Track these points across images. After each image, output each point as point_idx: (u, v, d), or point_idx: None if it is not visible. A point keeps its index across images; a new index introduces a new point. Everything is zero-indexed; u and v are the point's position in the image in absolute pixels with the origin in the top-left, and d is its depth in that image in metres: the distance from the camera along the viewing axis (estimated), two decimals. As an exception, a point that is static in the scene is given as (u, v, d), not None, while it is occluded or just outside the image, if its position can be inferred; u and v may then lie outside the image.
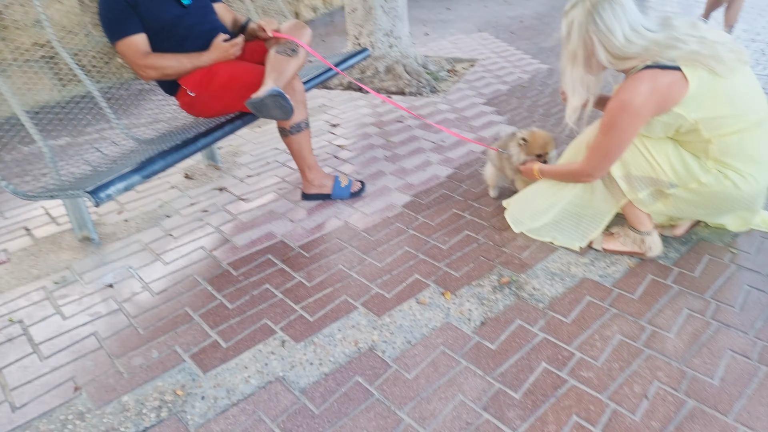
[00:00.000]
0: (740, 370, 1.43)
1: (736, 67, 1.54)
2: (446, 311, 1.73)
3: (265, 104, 2.01)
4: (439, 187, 2.54)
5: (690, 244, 1.98)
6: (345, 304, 1.79)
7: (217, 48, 2.23)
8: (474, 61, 4.80)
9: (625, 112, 1.57)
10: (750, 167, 1.60)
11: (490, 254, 2.00)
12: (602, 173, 1.77)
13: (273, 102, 2.00)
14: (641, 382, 1.41)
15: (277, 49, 2.19)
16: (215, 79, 2.22)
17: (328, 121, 3.54)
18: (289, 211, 2.41)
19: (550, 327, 1.63)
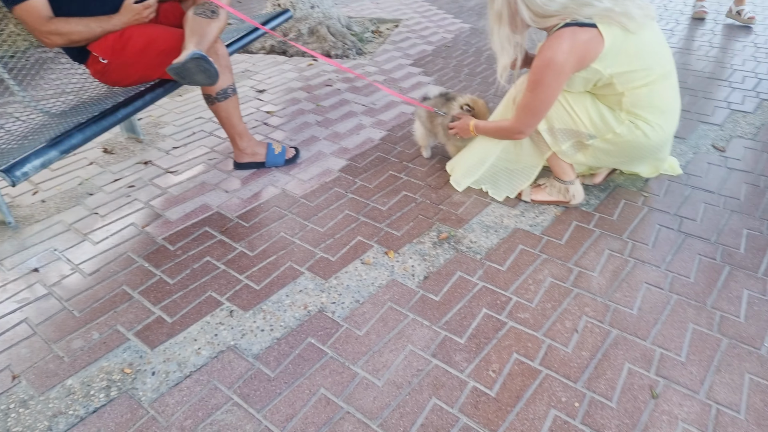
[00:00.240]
0: (655, 300, 1.60)
1: (645, 23, 1.65)
2: (391, 269, 1.79)
3: (188, 69, 1.91)
4: (374, 149, 2.56)
5: (608, 191, 2.15)
6: (291, 270, 1.81)
7: (129, 10, 2.08)
8: (398, 21, 4.79)
9: (549, 69, 1.65)
10: (658, 117, 1.75)
11: (428, 212, 2.07)
12: (532, 129, 1.86)
13: (196, 66, 1.91)
14: (571, 318, 1.55)
15: (195, 10, 2.08)
16: (129, 44, 2.08)
17: (253, 87, 3.43)
18: (222, 182, 2.35)
19: (488, 276, 1.73)
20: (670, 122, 1.79)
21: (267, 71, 3.71)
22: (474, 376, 1.39)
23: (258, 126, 2.87)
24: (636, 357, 1.41)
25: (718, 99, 2.91)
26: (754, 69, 3.30)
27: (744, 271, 1.69)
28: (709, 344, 1.44)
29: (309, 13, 4.16)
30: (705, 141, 2.48)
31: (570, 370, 1.39)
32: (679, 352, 1.42)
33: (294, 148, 2.51)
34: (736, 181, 2.16)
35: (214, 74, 1.93)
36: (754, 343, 1.43)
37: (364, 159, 2.48)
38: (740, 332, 1.47)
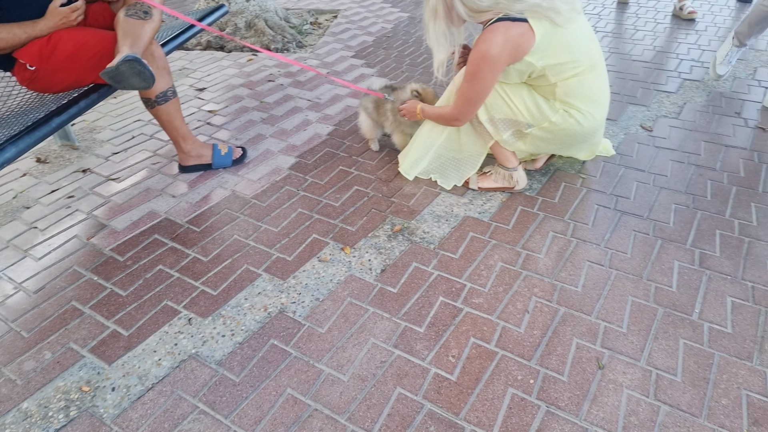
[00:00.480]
0: (597, 276, 1.71)
1: (572, 17, 1.74)
2: (348, 265, 1.82)
3: (122, 72, 1.84)
4: (322, 145, 2.57)
5: (549, 175, 2.26)
6: (247, 273, 1.80)
7: (55, 14, 1.98)
8: (336, 12, 4.76)
9: (484, 62, 1.72)
10: (588, 106, 1.86)
11: (381, 206, 2.11)
12: (469, 118, 1.94)
13: (130, 69, 1.84)
14: (522, 300, 1.64)
15: (126, 11, 2.00)
16: (58, 49, 1.98)
17: (192, 85, 3.34)
18: (168, 187, 2.30)
19: (442, 264, 1.80)
20: (601, 110, 1.90)
21: (205, 68, 3.61)
22: (435, 363, 1.45)
23: (201, 126, 2.81)
24: (583, 332, 1.51)
25: (644, 80, 3.10)
26: (675, 50, 3.52)
27: (674, 243, 1.83)
28: (646, 314, 1.56)
29: (245, 7, 4.07)
30: (634, 122, 2.64)
31: (524, 349, 1.47)
32: (620, 324, 1.53)
33: (241, 147, 2.48)
34: (663, 159, 2.32)
35: (149, 77, 1.88)
36: (686, 310, 1.56)
37: (313, 155, 2.48)
38: (673, 301, 1.60)
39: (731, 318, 1.53)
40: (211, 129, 2.77)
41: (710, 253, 1.78)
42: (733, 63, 2.98)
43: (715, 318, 1.53)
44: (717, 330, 1.49)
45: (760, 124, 2.56)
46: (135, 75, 1.86)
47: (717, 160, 2.29)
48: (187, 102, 3.09)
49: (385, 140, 2.55)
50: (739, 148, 2.37)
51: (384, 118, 2.33)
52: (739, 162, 2.26)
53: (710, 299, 1.60)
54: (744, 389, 1.32)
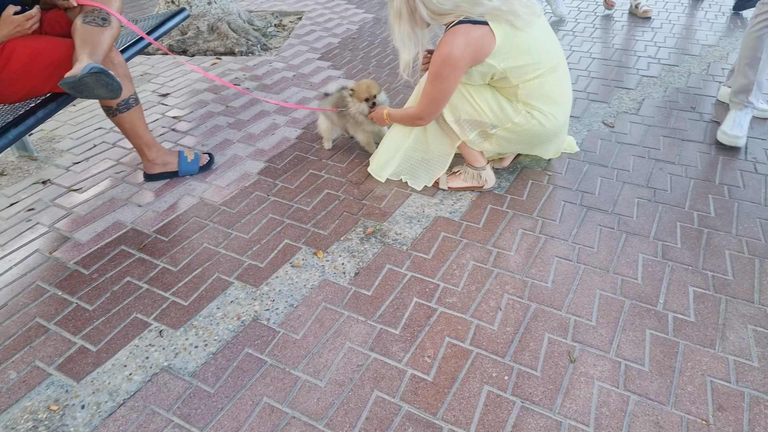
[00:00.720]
0: (565, 271, 1.75)
1: (532, 20, 1.77)
2: (321, 269, 1.81)
3: (86, 84, 1.79)
4: (291, 149, 2.55)
5: (516, 173, 2.30)
6: (219, 281, 1.78)
7: (8, 22, 1.91)
8: (301, 13, 4.73)
9: (446, 63, 1.74)
10: (550, 107, 1.90)
11: (352, 209, 2.11)
12: (432, 117, 1.97)
13: (95, 81, 1.79)
14: (494, 297, 1.66)
15: (84, 18, 1.94)
16: (13, 58, 1.92)
17: (155, 91, 3.27)
18: (133, 196, 2.24)
19: (416, 265, 1.81)
20: (562, 111, 1.94)
21: (168, 73, 3.54)
22: (411, 364, 1.46)
23: (166, 133, 2.75)
24: (554, 326, 1.55)
25: (604, 78, 3.18)
26: (633, 47, 3.63)
27: (638, 236, 1.89)
28: (614, 307, 1.60)
29: (206, 10, 4.01)
30: (596, 119, 2.71)
31: (497, 346, 1.50)
32: (590, 318, 1.57)
33: (207, 153, 2.44)
34: (625, 155, 2.39)
35: (117, 88, 1.83)
36: (651, 301, 1.62)
37: (282, 159, 2.46)
38: (639, 293, 1.65)
39: (694, 307, 1.59)
40: (176, 135, 2.72)
41: (672, 245, 1.84)
42: (746, 127, 2.37)
43: (678, 308, 1.59)
44: (681, 319, 1.55)
45: (715, 117, 2.66)
46: (101, 86, 1.81)
47: (676, 154, 2.37)
48: (151, 108, 3.03)
49: (346, 141, 2.55)
50: (696, 141, 2.46)
51: (344, 121, 2.34)
52: (697, 155, 2.35)
53: (673, 290, 1.66)
54: (708, 376, 1.38)
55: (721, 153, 2.35)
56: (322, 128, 2.48)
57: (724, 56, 3.42)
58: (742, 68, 2.28)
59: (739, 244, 1.83)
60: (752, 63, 2.24)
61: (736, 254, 1.78)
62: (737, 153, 2.35)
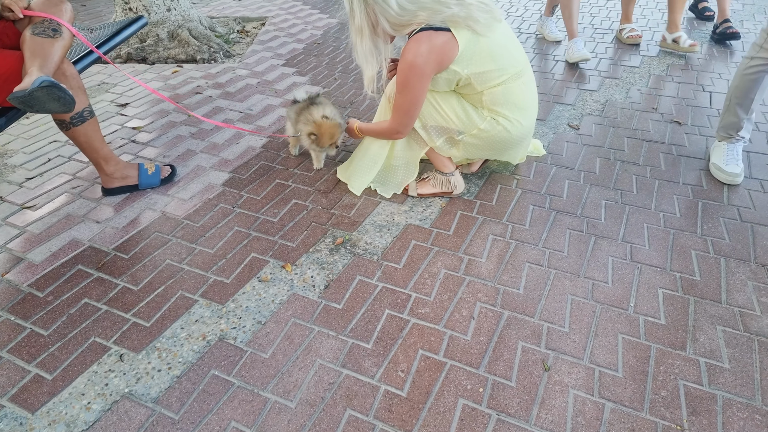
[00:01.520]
0: (537, 277, 1.74)
1: (492, 24, 1.76)
2: (290, 283, 1.76)
3: (36, 98, 1.70)
4: (256, 158, 2.48)
5: (485, 178, 2.29)
6: (183, 299, 1.71)
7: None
8: (264, 19, 4.65)
9: (412, 71, 1.72)
10: (515, 113, 1.90)
11: (321, 218, 2.07)
12: (409, 128, 1.93)
13: (47, 95, 1.70)
14: (467, 306, 1.64)
15: (33, 29, 1.85)
16: (-43, 70, 1.81)
17: (114, 101, 3.15)
18: (91, 212, 2.14)
19: (386, 276, 1.78)
20: (528, 117, 1.94)
21: (127, 82, 3.42)
22: (384, 380, 1.42)
23: (125, 145, 2.65)
24: (527, 334, 1.53)
25: (568, 80, 3.22)
26: (594, 49, 3.68)
27: (607, 239, 1.90)
28: (586, 312, 1.60)
29: (166, 17, 3.90)
30: (561, 121, 2.74)
31: (471, 357, 1.47)
32: (562, 324, 1.56)
33: (169, 165, 2.36)
34: (590, 156, 2.41)
35: (70, 101, 1.75)
36: (622, 304, 1.62)
37: (248, 170, 2.40)
38: (609, 296, 1.65)
39: (664, 309, 1.60)
40: (136, 147, 2.62)
41: (640, 246, 1.86)
42: (740, 160, 2.23)
43: (648, 310, 1.60)
44: (651, 322, 1.56)
45: (675, 118, 2.71)
46: (53, 100, 1.73)
47: (640, 155, 2.40)
48: (109, 119, 2.91)
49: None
50: (658, 142, 2.50)
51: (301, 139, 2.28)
52: (660, 156, 2.39)
53: (643, 292, 1.67)
54: (681, 379, 1.38)
55: (684, 154, 2.40)
56: (289, 133, 2.40)
57: (683, 56, 3.50)
58: (733, 107, 2.19)
59: (704, 243, 1.85)
60: (744, 104, 2.15)
61: (702, 254, 1.81)
62: (701, 153, 2.40)
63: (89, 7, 5.25)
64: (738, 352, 1.45)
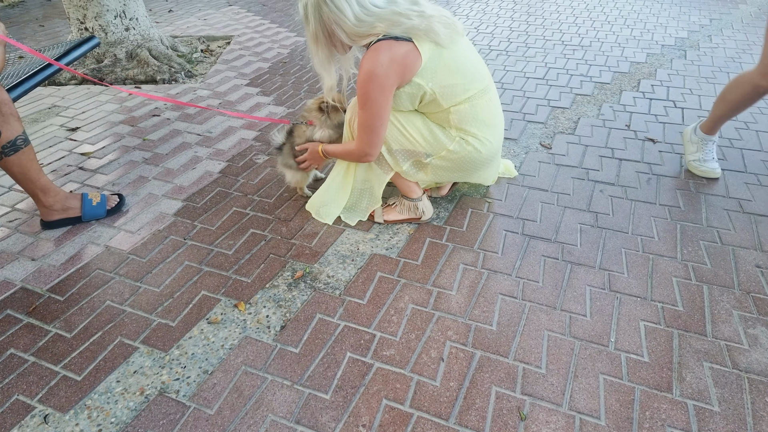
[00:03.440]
0: (511, 311, 1.62)
1: (454, 38, 1.66)
2: (242, 324, 1.60)
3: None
4: (213, 185, 2.33)
5: (455, 201, 2.17)
6: (121, 347, 1.53)
7: None
8: (229, 38, 4.52)
9: (372, 82, 1.59)
10: (484, 132, 1.79)
11: (280, 250, 1.92)
12: (377, 149, 1.77)
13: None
14: (436, 346, 1.50)
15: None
16: None
17: (63, 125, 2.97)
18: (27, 248, 1.96)
19: (349, 313, 1.63)
20: (496, 134, 1.84)
21: (80, 105, 3.24)
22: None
23: (72, 172, 2.47)
24: (501, 377, 1.40)
25: (539, 97, 3.15)
26: (564, 66, 3.64)
27: (583, 266, 1.79)
28: (564, 350, 1.48)
29: (124, 36, 3.74)
30: (533, 140, 2.65)
31: (441, 406, 1.33)
32: (539, 364, 1.44)
33: (117, 194, 2.19)
34: (564, 177, 2.31)
35: None
36: (602, 340, 1.50)
37: (203, 197, 2.24)
38: (589, 331, 1.53)
39: (646, 345, 1.48)
40: (83, 174, 2.44)
41: (618, 274, 1.75)
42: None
43: (630, 346, 1.48)
44: (634, 360, 1.44)
45: (649, 135, 2.65)
46: None
47: (615, 175, 2.32)
48: (56, 145, 2.73)
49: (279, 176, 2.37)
50: (633, 161, 2.43)
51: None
52: (635, 175, 2.31)
53: (624, 325, 1.55)
54: (669, 426, 1.26)
55: (659, 173, 2.32)
56: (294, 181, 2.16)
57: (653, 73, 3.47)
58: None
59: (685, 269, 1.76)
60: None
61: (684, 281, 1.71)
62: (676, 172, 2.32)
63: (47, 27, 5.05)
64: (727, 393, 1.34)
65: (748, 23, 4.57)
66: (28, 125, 2.97)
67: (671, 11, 5.01)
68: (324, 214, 2.07)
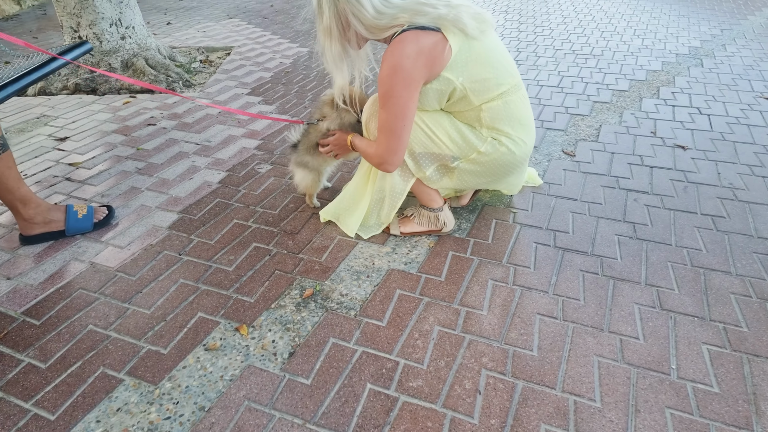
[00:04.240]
0: (552, 333, 1.42)
1: (485, 29, 1.49)
2: (245, 351, 1.39)
3: None
4: (212, 195, 2.14)
5: (477, 212, 1.99)
6: (103, 379, 1.32)
7: None
8: (229, 49, 4.37)
9: (397, 75, 1.40)
10: (518, 131, 1.61)
11: (286, 265, 1.72)
12: (399, 156, 1.56)
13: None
14: (471, 376, 1.30)
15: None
16: None
17: (52, 135, 2.78)
18: (2, 266, 1.75)
19: (367, 337, 1.43)
20: (530, 134, 1.66)
21: (70, 114, 3.06)
22: (369, 487, 1.06)
23: (58, 183, 2.27)
24: (550, 413, 1.19)
25: (555, 105, 2.99)
26: (578, 74, 3.49)
27: (628, 282, 1.59)
28: (619, 379, 1.27)
29: (119, 45, 3.58)
30: (555, 147, 2.47)
31: (482, 449, 1.13)
32: (592, 396, 1.23)
33: (106, 206, 1.99)
34: (593, 185, 2.13)
35: None
36: (662, 367, 1.30)
37: (201, 209, 2.05)
38: (644, 356, 1.33)
39: (713, 372, 1.28)
40: (70, 186, 2.25)
41: (668, 290, 1.55)
42: None
43: (696, 374, 1.28)
44: (703, 390, 1.24)
45: (678, 142, 2.48)
46: None
47: (647, 183, 2.14)
48: (42, 155, 2.54)
49: (291, 186, 2.18)
50: (664, 168, 2.25)
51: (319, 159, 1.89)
52: (670, 183, 2.13)
53: (684, 349, 1.35)
54: (760, 474, 1.06)
55: (696, 181, 2.14)
56: (305, 183, 1.94)
57: (671, 80, 3.33)
58: None
59: (743, 285, 1.56)
60: None
61: (743, 298, 1.51)
62: (714, 180, 2.15)
63: (41, 39, 4.90)
64: (821, 430, 1.14)
65: (760, 33, 4.46)
66: (13, 135, 2.78)
67: (680, 22, 4.91)
68: (344, 224, 1.88)
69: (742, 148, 2.42)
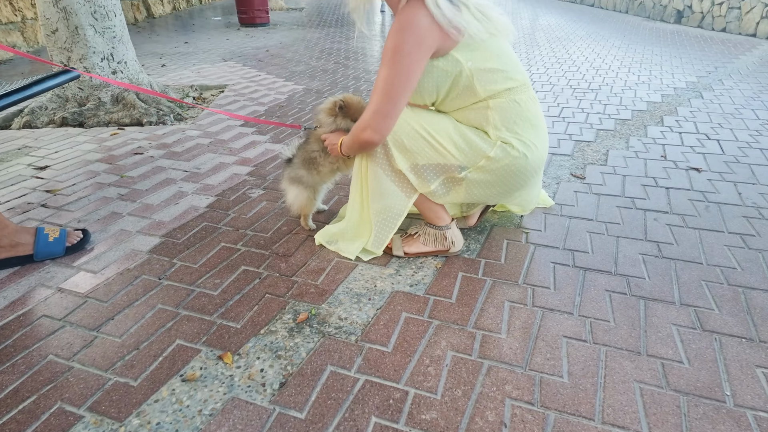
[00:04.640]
0: (583, 357, 1.24)
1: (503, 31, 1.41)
2: (228, 382, 1.19)
3: None
4: (198, 219, 1.97)
5: (486, 233, 1.83)
6: (60, 416, 1.11)
7: None
8: (223, 87, 4.32)
9: (409, 32, 1.28)
10: (530, 133, 1.48)
11: (278, 288, 1.54)
12: (387, 125, 1.40)
13: None
14: (493, 406, 1.11)
15: None
16: None
17: (32, 164, 2.63)
18: (-40, 292, 1.56)
19: (371, 364, 1.24)
20: (542, 139, 1.53)
21: (53, 145, 2.93)
22: None
23: (32, 209, 2.10)
24: (593, 448, 1.00)
25: (559, 132, 2.90)
26: (578, 105, 3.44)
27: (661, 302, 1.43)
28: (667, 408, 1.09)
29: (110, 78, 3.50)
30: (563, 171, 2.36)
31: (515, 493, 0.92)
32: (639, 428, 1.04)
33: (81, 230, 1.82)
34: (608, 206, 2.00)
35: None
36: (714, 393, 1.12)
37: (185, 232, 1.88)
38: (693, 382, 1.15)
39: (778, 397, 1.10)
40: (44, 212, 2.08)
41: (708, 310, 1.39)
42: None
43: (755, 401, 1.09)
44: (766, 419, 1.05)
45: (692, 165, 2.37)
46: None
47: (665, 203, 2.00)
48: (19, 183, 2.38)
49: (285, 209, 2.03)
50: (681, 189, 2.13)
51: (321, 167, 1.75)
52: (689, 203, 2.00)
53: (736, 373, 1.17)
54: None
55: (717, 201, 2.02)
56: (299, 202, 1.80)
57: (673, 110, 3.27)
58: None
59: (790, 302, 1.40)
60: None
61: (794, 316, 1.35)
62: (736, 199, 2.02)
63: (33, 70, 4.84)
64: None
65: (754, 70, 4.49)
66: (-8, 164, 2.64)
67: (673, 61, 4.96)
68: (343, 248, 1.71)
69: (759, 170, 2.31)
